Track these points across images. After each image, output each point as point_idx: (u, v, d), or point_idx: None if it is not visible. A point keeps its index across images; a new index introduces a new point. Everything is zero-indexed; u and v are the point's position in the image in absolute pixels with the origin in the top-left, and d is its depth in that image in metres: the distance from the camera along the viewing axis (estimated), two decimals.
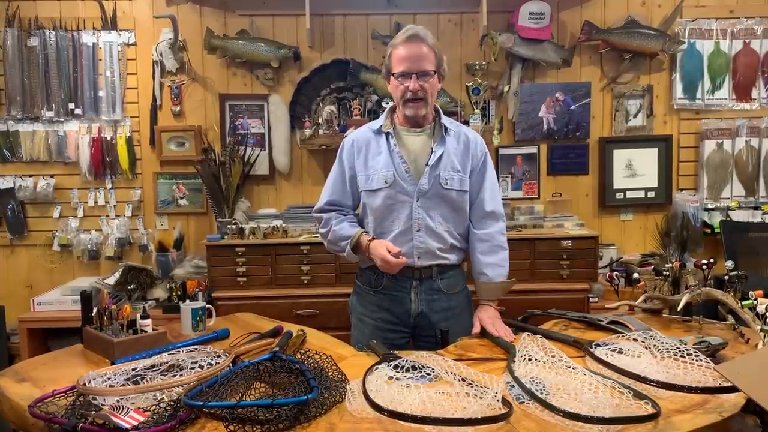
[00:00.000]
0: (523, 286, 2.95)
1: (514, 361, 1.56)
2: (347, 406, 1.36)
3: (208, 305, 2.07)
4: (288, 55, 3.41)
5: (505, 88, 3.44)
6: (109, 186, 3.52)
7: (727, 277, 1.94)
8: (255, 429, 1.21)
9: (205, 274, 3.16)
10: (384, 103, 3.29)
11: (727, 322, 1.86)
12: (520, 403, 1.34)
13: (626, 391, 1.33)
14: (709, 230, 3.42)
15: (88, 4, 3.46)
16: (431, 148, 1.98)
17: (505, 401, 1.29)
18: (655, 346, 1.57)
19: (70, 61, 3.44)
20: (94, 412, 1.29)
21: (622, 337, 1.67)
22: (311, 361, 1.53)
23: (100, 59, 3.45)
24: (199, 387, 1.34)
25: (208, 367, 1.47)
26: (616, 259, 3.37)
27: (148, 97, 3.50)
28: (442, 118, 2.03)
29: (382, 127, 2.03)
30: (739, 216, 3.43)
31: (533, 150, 3.55)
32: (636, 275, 2.21)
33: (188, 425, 1.27)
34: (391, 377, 1.46)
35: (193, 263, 3.32)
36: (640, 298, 2.04)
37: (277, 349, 1.59)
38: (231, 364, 1.51)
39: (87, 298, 2.02)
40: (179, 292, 3.10)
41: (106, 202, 3.52)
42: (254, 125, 3.53)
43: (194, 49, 3.47)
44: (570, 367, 1.46)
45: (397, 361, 1.52)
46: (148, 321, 1.83)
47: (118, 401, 1.31)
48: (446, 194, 1.97)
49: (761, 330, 1.63)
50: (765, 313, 1.65)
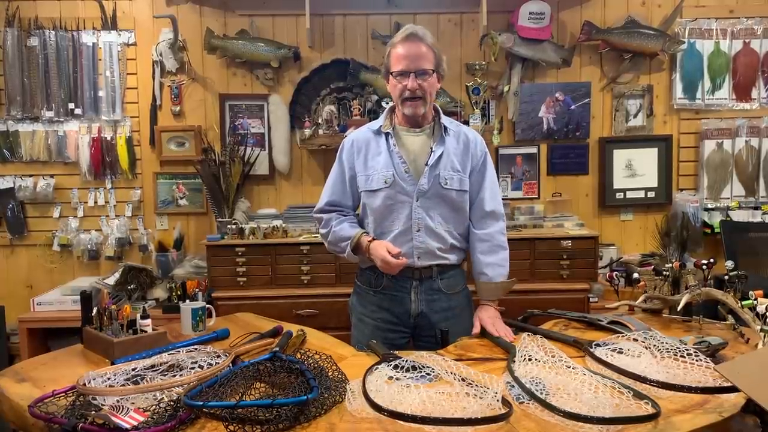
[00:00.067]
0: (523, 286, 2.94)
1: (514, 361, 1.56)
2: (347, 406, 1.35)
3: (208, 305, 2.07)
4: (288, 55, 3.41)
5: (505, 88, 3.44)
6: (109, 186, 3.52)
7: (727, 277, 1.94)
8: (255, 429, 1.21)
9: (205, 274, 3.16)
10: (384, 103, 3.29)
11: (727, 322, 1.86)
12: (520, 403, 1.34)
13: (626, 391, 1.33)
14: (709, 230, 3.42)
15: (88, 4, 3.46)
16: (431, 148, 1.98)
17: (505, 401, 1.29)
18: (655, 346, 1.57)
19: (70, 61, 3.44)
20: (94, 412, 1.29)
21: (622, 337, 1.66)
22: (311, 361, 1.53)
23: (100, 59, 3.45)
24: (199, 387, 1.34)
25: (208, 367, 1.47)
26: (616, 259, 3.37)
27: (148, 97, 3.50)
28: (442, 118, 2.03)
29: (381, 127, 2.03)
30: (739, 216, 3.43)
31: (533, 150, 3.55)
32: (636, 275, 2.21)
33: (188, 425, 1.27)
34: (391, 377, 1.45)
35: (193, 263, 3.32)
36: (640, 298, 2.04)
37: (277, 349, 1.59)
38: (231, 364, 1.51)
39: (87, 298, 2.02)
40: (179, 292, 3.11)
41: (106, 202, 3.52)
42: (254, 125, 3.53)
43: (194, 49, 3.47)
44: (570, 367, 1.46)
45: (397, 361, 1.52)
46: (148, 321, 1.83)
47: (118, 401, 1.31)
48: (446, 194, 1.97)
49: (761, 330, 1.63)
50: (765, 313, 1.65)
